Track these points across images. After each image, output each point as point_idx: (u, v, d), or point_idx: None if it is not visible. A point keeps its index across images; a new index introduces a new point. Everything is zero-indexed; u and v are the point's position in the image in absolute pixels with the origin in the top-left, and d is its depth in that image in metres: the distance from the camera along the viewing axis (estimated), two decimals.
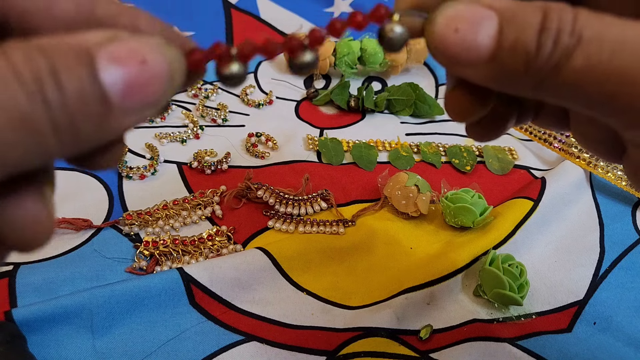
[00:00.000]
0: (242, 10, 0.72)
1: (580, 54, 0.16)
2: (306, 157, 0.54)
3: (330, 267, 0.44)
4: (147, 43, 0.15)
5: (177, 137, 0.54)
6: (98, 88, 0.14)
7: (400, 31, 0.18)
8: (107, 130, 0.15)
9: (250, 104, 0.60)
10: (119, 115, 0.15)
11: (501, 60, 0.17)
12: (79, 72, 0.14)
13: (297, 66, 0.18)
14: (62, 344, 0.37)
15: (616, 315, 0.42)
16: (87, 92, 0.14)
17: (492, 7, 0.17)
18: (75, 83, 0.14)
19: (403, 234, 0.47)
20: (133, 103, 0.15)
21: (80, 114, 0.14)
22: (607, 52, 0.16)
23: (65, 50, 0.14)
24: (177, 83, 0.16)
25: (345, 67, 0.63)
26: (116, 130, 0.15)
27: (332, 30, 0.18)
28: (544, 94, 0.17)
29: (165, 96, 0.15)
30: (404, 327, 0.40)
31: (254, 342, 0.39)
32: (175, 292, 0.40)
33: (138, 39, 0.15)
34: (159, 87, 0.15)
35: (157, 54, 0.15)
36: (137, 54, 0.14)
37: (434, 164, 0.55)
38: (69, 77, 0.14)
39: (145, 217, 0.46)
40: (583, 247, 0.47)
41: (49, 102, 0.13)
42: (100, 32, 0.14)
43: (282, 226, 0.47)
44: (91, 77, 0.14)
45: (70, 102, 0.14)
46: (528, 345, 0.40)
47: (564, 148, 0.54)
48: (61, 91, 0.13)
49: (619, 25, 0.16)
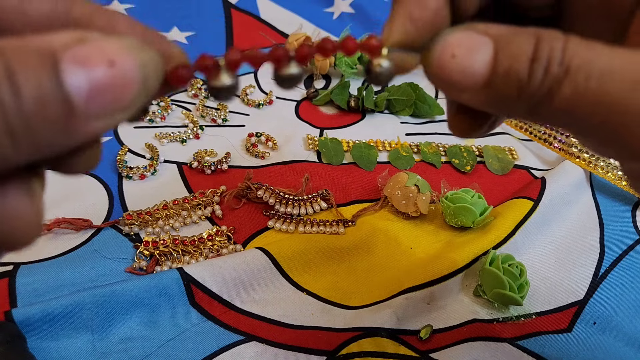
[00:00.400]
0: (242, 10, 0.72)
1: (568, 84, 0.16)
2: (306, 157, 0.54)
3: (330, 267, 0.44)
4: (118, 44, 0.14)
5: (177, 137, 0.54)
6: (60, 91, 0.13)
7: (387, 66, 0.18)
8: (71, 136, 0.14)
9: (250, 104, 0.60)
10: (83, 120, 0.14)
11: (496, 86, 0.17)
12: (39, 74, 0.13)
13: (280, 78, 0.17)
14: (62, 344, 0.37)
15: (616, 315, 0.42)
16: (47, 96, 0.13)
17: (487, 34, 0.17)
18: (33, 85, 0.13)
19: (403, 234, 0.47)
20: (99, 108, 0.14)
21: (38, 119, 0.13)
22: (594, 81, 0.16)
23: (25, 51, 0.13)
24: (152, 87, 0.15)
25: (345, 67, 0.63)
26: (82, 136, 0.14)
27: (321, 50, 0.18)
28: (538, 118, 0.18)
29: (137, 101, 0.14)
30: (404, 327, 0.40)
31: (254, 342, 0.39)
32: (175, 292, 0.40)
33: (108, 39, 0.14)
34: (129, 91, 0.14)
35: (128, 55, 0.14)
36: (105, 55, 0.14)
37: (434, 164, 0.55)
38: (27, 79, 0.13)
39: (145, 217, 0.46)
40: (583, 247, 0.47)
41: (2, 105, 0.12)
42: (69, 33, 0.14)
43: (282, 226, 0.47)
44: (53, 80, 0.13)
45: (27, 106, 0.13)
46: (528, 345, 0.40)
47: (564, 148, 0.54)
48: (17, 93, 0.13)
49: (606, 53, 0.16)
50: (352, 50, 0.18)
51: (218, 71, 0.17)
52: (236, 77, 0.17)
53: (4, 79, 0.12)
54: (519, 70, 0.17)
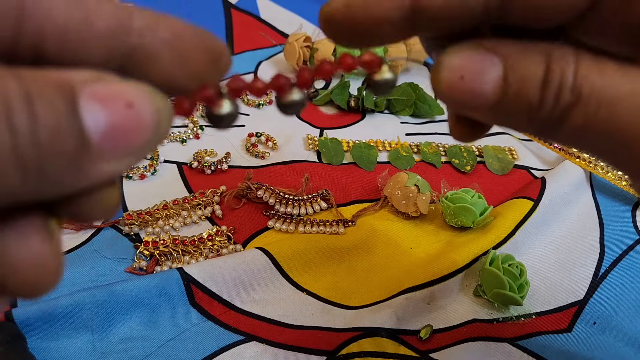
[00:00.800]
0: (242, 10, 0.72)
1: (579, 112, 0.16)
2: (306, 157, 0.54)
3: (330, 267, 0.44)
4: (135, 87, 0.14)
5: (177, 137, 0.54)
6: (77, 125, 0.13)
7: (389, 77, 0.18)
8: (81, 175, 0.13)
9: (250, 104, 0.60)
10: (95, 160, 0.13)
11: (505, 108, 0.17)
12: (57, 103, 0.12)
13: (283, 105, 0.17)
14: (62, 344, 0.37)
15: (616, 315, 0.42)
16: (64, 127, 0.12)
17: (496, 52, 0.17)
18: (50, 114, 0.12)
19: (403, 234, 0.47)
20: (114, 148, 0.13)
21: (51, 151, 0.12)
22: (605, 110, 0.16)
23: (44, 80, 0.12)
24: (163, 133, 0.14)
25: None
26: (90, 178, 0.13)
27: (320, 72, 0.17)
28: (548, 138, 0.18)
29: (149, 145, 0.14)
30: (404, 327, 0.40)
31: (254, 342, 0.39)
32: (175, 292, 0.40)
33: (125, 81, 0.14)
34: (144, 135, 0.14)
35: (145, 99, 0.14)
36: (124, 97, 0.13)
37: (434, 164, 0.55)
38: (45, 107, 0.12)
39: (145, 217, 0.46)
40: (583, 247, 0.47)
41: (16, 131, 0.12)
42: (86, 71, 0.13)
43: (282, 226, 0.47)
44: (70, 112, 0.12)
45: (42, 135, 0.12)
46: (528, 345, 0.40)
47: (564, 148, 0.54)
48: (33, 120, 0.12)
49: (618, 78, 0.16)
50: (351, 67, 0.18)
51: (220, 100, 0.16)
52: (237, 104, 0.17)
53: (22, 104, 0.12)
54: (529, 95, 0.16)
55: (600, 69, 0.16)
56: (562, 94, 0.16)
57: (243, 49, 0.67)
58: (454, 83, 0.17)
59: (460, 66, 0.17)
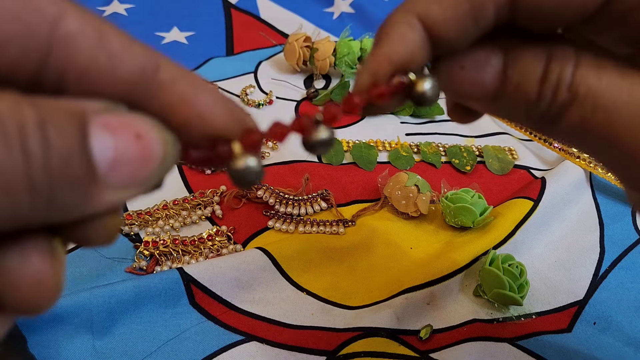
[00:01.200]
0: (242, 10, 0.72)
1: (575, 111, 0.16)
2: (306, 157, 0.54)
3: (330, 267, 0.44)
4: (145, 120, 0.14)
5: None
6: (85, 154, 0.13)
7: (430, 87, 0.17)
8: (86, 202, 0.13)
9: (250, 104, 0.60)
10: (101, 188, 0.13)
11: (504, 100, 0.17)
12: (69, 130, 0.13)
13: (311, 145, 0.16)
14: (62, 344, 0.37)
15: (616, 315, 0.42)
16: (74, 154, 0.13)
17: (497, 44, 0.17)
18: (63, 140, 0.12)
19: (403, 234, 0.47)
20: (120, 178, 0.13)
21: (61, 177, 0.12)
22: (601, 113, 0.16)
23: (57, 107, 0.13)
24: (169, 166, 0.15)
25: (345, 67, 0.63)
26: (95, 206, 0.14)
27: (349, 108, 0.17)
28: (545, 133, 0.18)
29: (155, 177, 0.14)
30: (404, 327, 0.40)
31: (254, 342, 0.39)
32: (175, 292, 0.40)
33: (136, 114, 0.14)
34: (151, 166, 0.14)
35: (154, 132, 0.14)
36: (134, 128, 0.13)
37: (434, 164, 0.55)
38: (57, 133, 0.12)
39: (145, 217, 0.46)
40: (583, 247, 0.47)
41: (30, 156, 0.12)
42: (99, 101, 0.14)
43: (282, 226, 0.47)
44: (81, 139, 0.13)
45: (54, 161, 0.12)
46: (528, 345, 0.40)
47: (564, 148, 0.54)
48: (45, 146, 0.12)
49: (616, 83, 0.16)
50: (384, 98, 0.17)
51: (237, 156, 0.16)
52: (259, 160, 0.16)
53: (36, 129, 0.12)
54: (528, 89, 0.16)
55: (599, 71, 0.16)
56: (560, 92, 0.16)
57: (243, 49, 0.67)
58: (454, 73, 0.17)
59: (461, 56, 0.17)
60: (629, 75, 0.16)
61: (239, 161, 0.16)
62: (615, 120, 0.16)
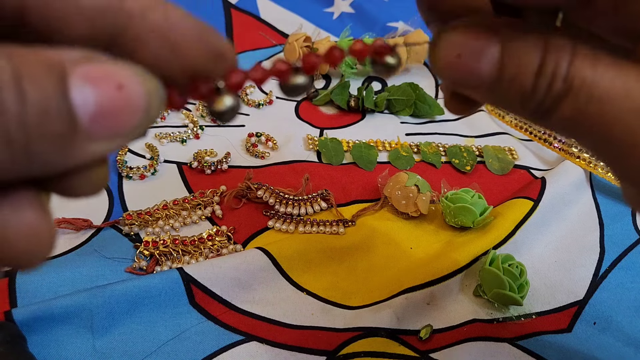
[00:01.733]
0: (242, 10, 0.72)
1: (569, 102, 0.16)
2: (306, 157, 0.54)
3: (330, 267, 0.44)
4: (127, 69, 0.14)
5: (177, 137, 0.54)
6: (66, 105, 0.12)
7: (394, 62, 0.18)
8: (68, 155, 0.13)
9: (250, 104, 0.60)
10: (83, 140, 0.13)
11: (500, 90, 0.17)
12: (47, 83, 0.12)
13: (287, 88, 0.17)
14: (62, 344, 0.37)
15: (616, 315, 0.42)
16: (53, 108, 0.12)
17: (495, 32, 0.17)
18: (40, 94, 0.12)
19: (403, 234, 0.47)
20: (102, 130, 0.13)
21: (39, 132, 0.12)
22: (595, 105, 0.16)
23: (35, 58, 0.12)
24: (153, 116, 0.14)
25: (345, 67, 0.63)
26: (78, 158, 0.13)
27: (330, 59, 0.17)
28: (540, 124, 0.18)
29: (138, 128, 0.14)
30: (404, 327, 0.40)
31: (254, 342, 0.39)
32: (175, 292, 0.40)
33: (117, 63, 0.14)
34: (133, 117, 0.14)
35: (137, 82, 0.14)
36: (115, 78, 0.13)
37: (434, 164, 0.55)
38: (34, 87, 0.12)
39: (145, 217, 0.46)
40: (583, 247, 0.47)
41: (5, 110, 0.12)
42: (77, 51, 0.13)
43: (282, 226, 0.47)
44: (60, 92, 0.12)
45: (30, 115, 0.12)
46: (528, 345, 0.40)
47: (564, 148, 0.54)
48: (21, 101, 0.12)
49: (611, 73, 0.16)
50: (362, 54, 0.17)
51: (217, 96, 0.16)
52: (237, 99, 0.16)
53: (10, 83, 0.12)
54: (524, 82, 0.17)
55: (594, 63, 0.16)
56: (555, 84, 0.16)
57: (243, 49, 0.67)
58: (451, 61, 0.17)
59: (458, 44, 0.17)
60: (625, 68, 0.16)
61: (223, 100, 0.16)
62: (607, 112, 0.16)
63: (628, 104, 0.16)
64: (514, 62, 0.17)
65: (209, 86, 0.16)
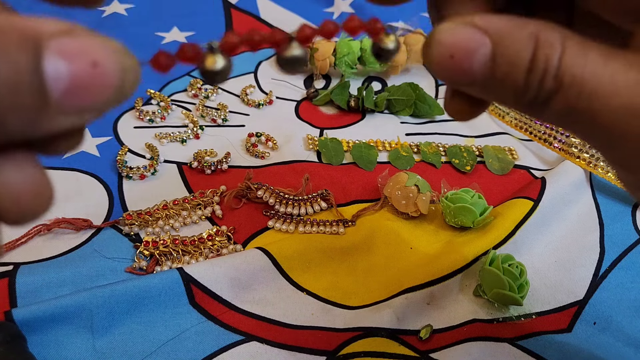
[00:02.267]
0: (242, 10, 0.72)
1: (560, 98, 0.17)
2: (306, 157, 0.54)
3: (330, 267, 0.44)
4: (104, 44, 0.13)
5: (177, 137, 0.54)
6: (37, 79, 0.13)
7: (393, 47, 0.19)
8: (38, 127, 0.13)
9: (250, 104, 0.60)
10: (54, 113, 0.13)
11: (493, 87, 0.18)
12: (19, 56, 0.12)
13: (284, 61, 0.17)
14: (62, 344, 0.37)
15: (616, 315, 0.42)
16: (23, 81, 0.12)
17: (486, 31, 0.17)
18: (10, 67, 0.12)
19: (403, 234, 0.47)
20: (73, 104, 0.13)
21: (8, 103, 0.12)
22: (585, 100, 0.16)
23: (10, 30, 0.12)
24: (127, 94, 0.14)
25: (345, 67, 0.63)
26: (48, 129, 0.14)
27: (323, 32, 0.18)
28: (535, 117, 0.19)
29: (109, 105, 0.14)
30: (404, 327, 0.40)
31: (254, 342, 0.39)
32: (175, 292, 0.40)
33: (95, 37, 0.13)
34: (105, 94, 0.14)
35: (112, 59, 0.14)
36: (91, 55, 0.13)
37: (434, 164, 0.55)
38: (5, 59, 0.12)
39: (145, 217, 0.46)
40: (583, 247, 0.47)
41: None
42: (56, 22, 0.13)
43: (282, 226, 0.47)
44: (32, 65, 0.12)
45: (1, 87, 0.12)
46: (528, 345, 0.40)
47: (564, 148, 0.54)
48: None
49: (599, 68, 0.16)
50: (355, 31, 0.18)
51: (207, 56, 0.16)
52: (230, 59, 0.17)
53: None
54: (516, 79, 0.17)
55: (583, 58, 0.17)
56: (546, 80, 0.17)
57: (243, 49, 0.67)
58: (444, 61, 0.18)
59: (450, 45, 0.17)
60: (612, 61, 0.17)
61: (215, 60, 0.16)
62: (597, 108, 0.16)
63: (616, 100, 0.16)
64: (505, 60, 0.17)
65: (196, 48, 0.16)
